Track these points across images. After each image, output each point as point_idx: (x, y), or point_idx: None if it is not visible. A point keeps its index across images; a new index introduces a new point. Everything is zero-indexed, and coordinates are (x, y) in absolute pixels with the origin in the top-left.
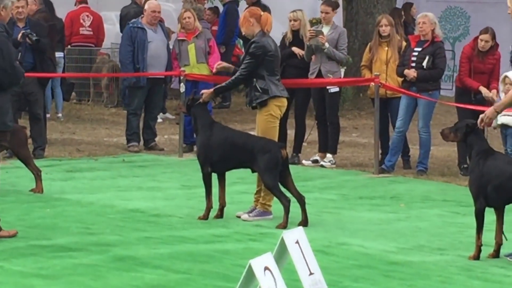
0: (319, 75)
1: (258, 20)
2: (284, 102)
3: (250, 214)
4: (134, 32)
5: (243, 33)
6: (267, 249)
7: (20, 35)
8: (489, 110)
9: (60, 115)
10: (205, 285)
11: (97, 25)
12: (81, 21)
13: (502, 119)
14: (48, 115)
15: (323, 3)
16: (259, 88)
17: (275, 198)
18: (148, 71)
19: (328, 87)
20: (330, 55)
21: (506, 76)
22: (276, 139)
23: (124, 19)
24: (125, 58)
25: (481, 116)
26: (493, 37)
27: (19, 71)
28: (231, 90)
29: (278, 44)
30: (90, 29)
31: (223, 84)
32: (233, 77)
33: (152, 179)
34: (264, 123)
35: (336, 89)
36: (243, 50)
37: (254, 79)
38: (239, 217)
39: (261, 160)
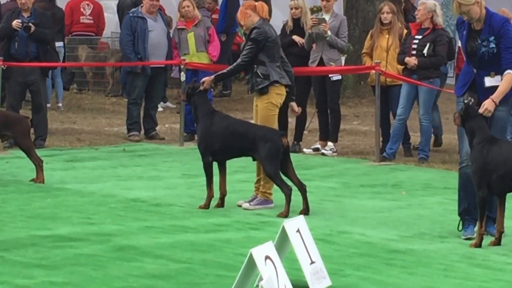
0: (321, 63)
1: (254, 10)
2: (284, 90)
3: (251, 203)
4: (134, 21)
5: (243, 28)
6: (268, 238)
7: (14, 22)
8: (487, 102)
9: (60, 104)
10: (206, 274)
11: (98, 13)
12: (82, 9)
13: None
14: (48, 105)
15: None
16: (260, 74)
17: (275, 186)
18: (149, 60)
19: (330, 75)
20: (332, 43)
21: None
22: (275, 127)
23: (120, 8)
24: (126, 49)
25: (481, 109)
26: None
27: None
28: (232, 76)
29: (279, 32)
30: (90, 17)
31: (224, 70)
32: (234, 64)
33: (153, 168)
34: (264, 111)
35: (339, 77)
36: (243, 38)
37: (255, 66)
38: (240, 206)
39: (262, 149)
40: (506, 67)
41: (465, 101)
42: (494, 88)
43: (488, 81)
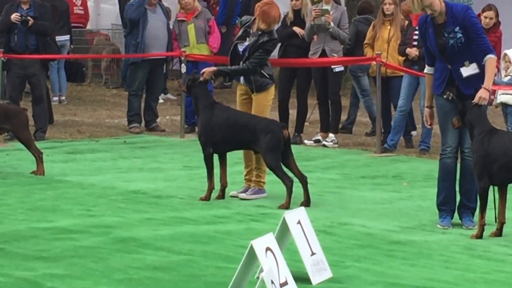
0: (322, 54)
1: None
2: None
3: (247, 193)
4: None
5: (265, 28)
6: (268, 229)
7: (13, 16)
8: (480, 91)
9: (63, 98)
10: (206, 266)
11: (85, 4)
12: (74, 0)
13: (501, 97)
14: (56, 98)
15: None
16: (266, 75)
17: (273, 177)
18: (148, 51)
19: (333, 67)
20: (335, 34)
21: (505, 54)
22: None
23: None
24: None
25: (476, 98)
26: (496, 14)
27: None
28: (234, 76)
29: (280, 23)
30: (81, 8)
31: (228, 69)
32: (241, 66)
33: (153, 160)
34: (261, 101)
35: (341, 68)
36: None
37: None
38: (233, 196)
39: (263, 141)
40: (483, 53)
41: (444, 96)
42: (473, 77)
43: (465, 71)
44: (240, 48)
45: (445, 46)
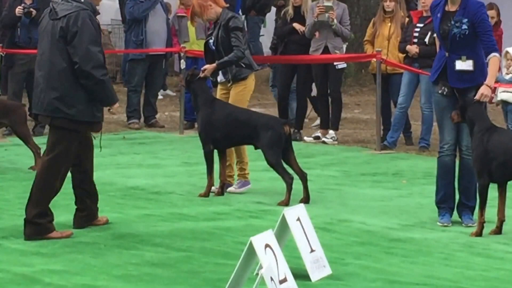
0: (325, 51)
1: (215, 1)
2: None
3: (234, 186)
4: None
5: (205, 19)
6: (268, 226)
7: (17, 9)
8: (482, 87)
9: None
10: (205, 262)
11: None
12: None
13: (502, 95)
14: None
15: None
16: (242, 64)
17: (270, 173)
18: (148, 47)
19: (335, 63)
20: (337, 31)
21: (507, 52)
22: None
23: None
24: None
25: (477, 95)
26: (498, 13)
27: (93, 57)
28: (234, 64)
29: (279, 20)
30: None
31: (226, 58)
32: (232, 54)
33: (152, 156)
34: (239, 96)
35: (344, 65)
36: (244, 25)
37: None
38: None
39: (264, 137)
40: (488, 50)
41: (439, 91)
42: (465, 73)
43: (459, 65)
44: (211, 41)
45: (448, 33)
